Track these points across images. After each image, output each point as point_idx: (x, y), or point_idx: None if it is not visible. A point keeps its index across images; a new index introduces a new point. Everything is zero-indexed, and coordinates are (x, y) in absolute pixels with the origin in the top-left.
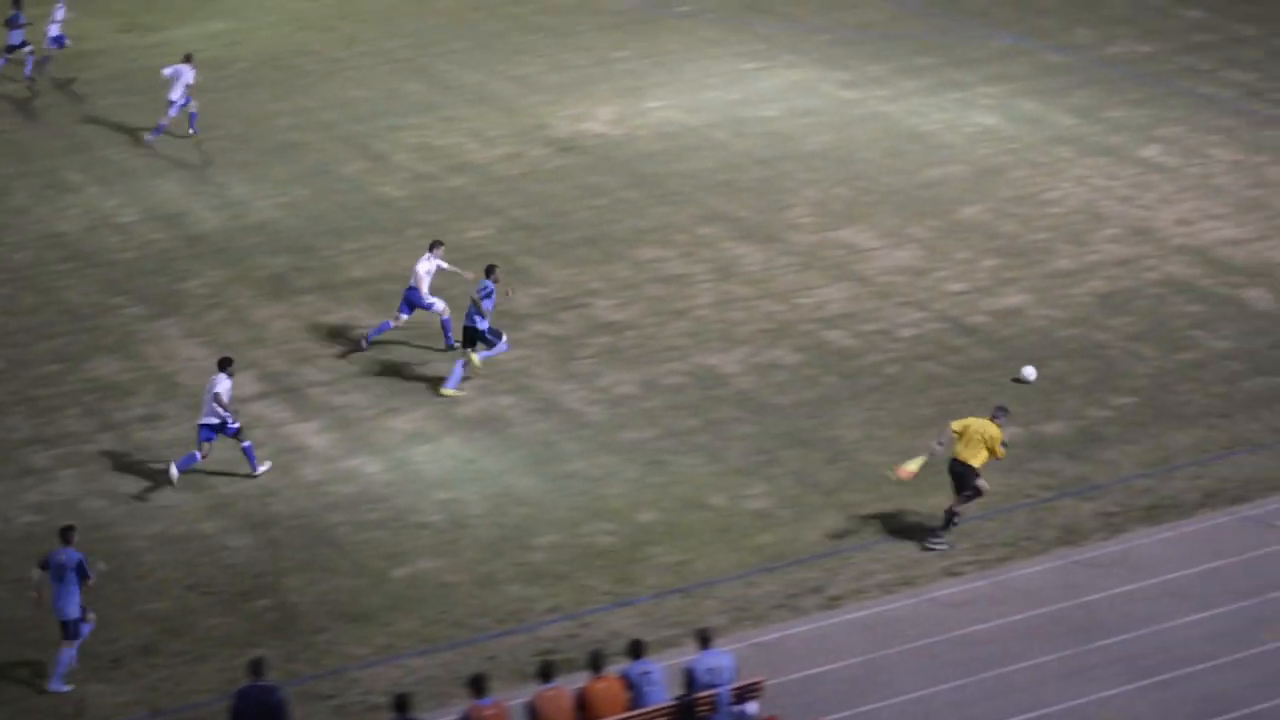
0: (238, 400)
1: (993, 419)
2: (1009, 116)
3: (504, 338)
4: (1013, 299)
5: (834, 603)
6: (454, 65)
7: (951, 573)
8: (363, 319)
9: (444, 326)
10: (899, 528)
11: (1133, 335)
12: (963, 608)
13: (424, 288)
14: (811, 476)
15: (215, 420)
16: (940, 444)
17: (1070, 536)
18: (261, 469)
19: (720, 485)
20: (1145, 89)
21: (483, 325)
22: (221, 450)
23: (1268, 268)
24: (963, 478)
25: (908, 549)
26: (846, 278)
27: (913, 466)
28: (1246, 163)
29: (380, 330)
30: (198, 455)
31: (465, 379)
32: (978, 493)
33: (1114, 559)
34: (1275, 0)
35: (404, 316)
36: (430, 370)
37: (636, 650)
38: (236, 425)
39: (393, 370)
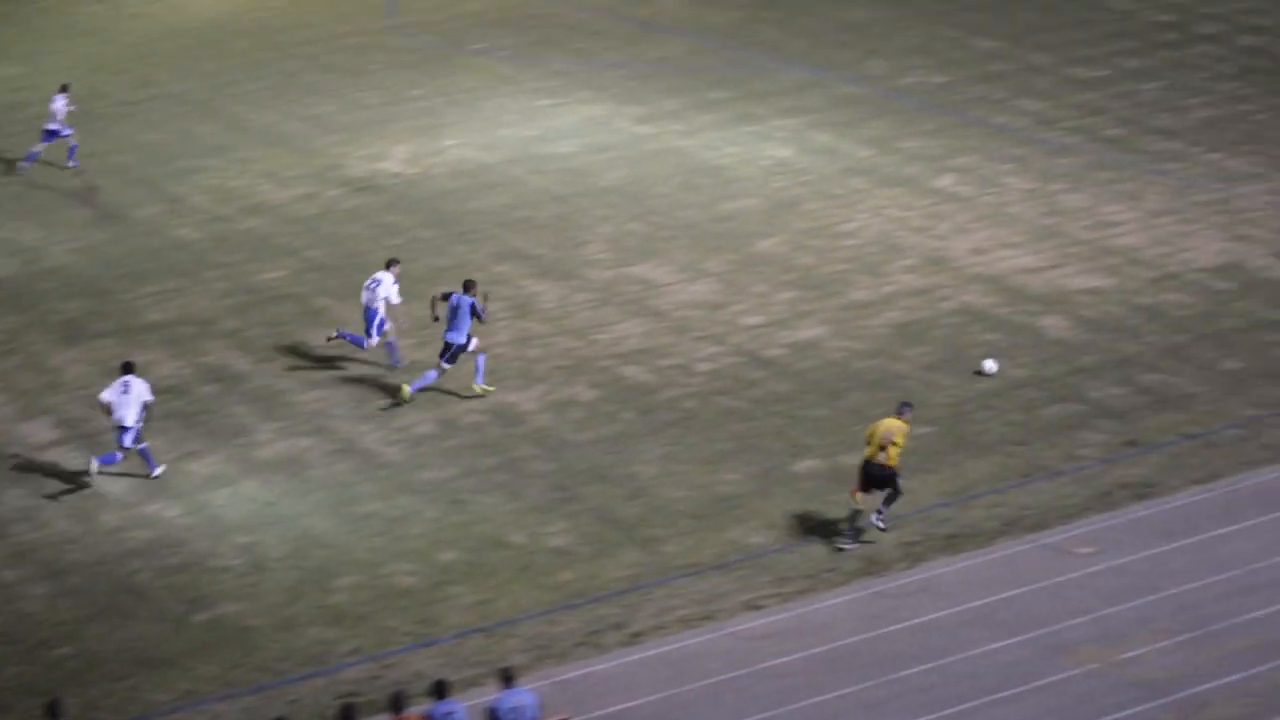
0: (35, 446)
1: (899, 415)
2: (804, 149)
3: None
4: (810, 331)
5: (636, 639)
6: (248, 106)
7: (753, 606)
8: (162, 362)
9: (392, 347)
10: (698, 562)
11: (930, 365)
12: (764, 641)
13: (381, 309)
14: (611, 512)
15: (133, 423)
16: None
17: (871, 567)
18: (159, 469)
19: (520, 523)
20: (939, 119)
21: (458, 338)
22: (19, 498)
23: (1063, 295)
24: (881, 480)
25: (709, 583)
26: (643, 313)
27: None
28: (1040, 191)
29: (353, 344)
30: (118, 455)
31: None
32: (897, 493)
33: (915, 588)
34: (1067, 29)
35: (372, 340)
36: (226, 420)
37: (439, 691)
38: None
39: (190, 414)
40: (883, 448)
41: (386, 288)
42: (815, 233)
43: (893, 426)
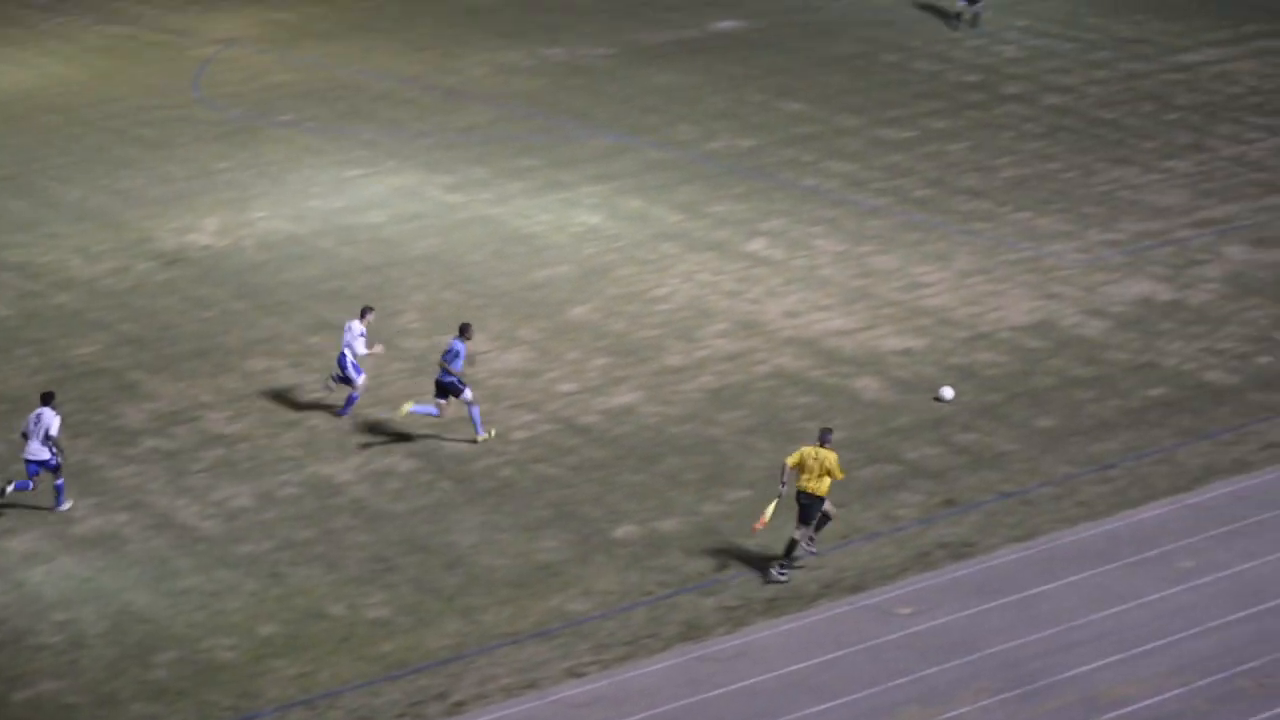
0: None
1: (822, 444)
2: (614, 215)
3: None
4: (624, 397)
5: (458, 708)
6: (55, 181)
7: (574, 673)
8: None
9: (351, 400)
10: (519, 630)
11: (746, 429)
12: (586, 708)
13: (359, 348)
14: (430, 582)
15: (45, 456)
16: (784, 484)
17: (692, 632)
18: (65, 505)
19: (339, 595)
20: (749, 183)
21: (449, 379)
22: None
23: (876, 357)
24: (810, 508)
25: (530, 651)
26: None
27: (767, 514)
28: (850, 253)
29: (350, 402)
30: (30, 484)
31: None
32: (827, 518)
33: (735, 653)
34: (874, 90)
35: (359, 379)
36: (42, 496)
37: None
38: (57, 461)
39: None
40: (820, 477)
41: (354, 336)
42: (628, 299)
43: (826, 458)
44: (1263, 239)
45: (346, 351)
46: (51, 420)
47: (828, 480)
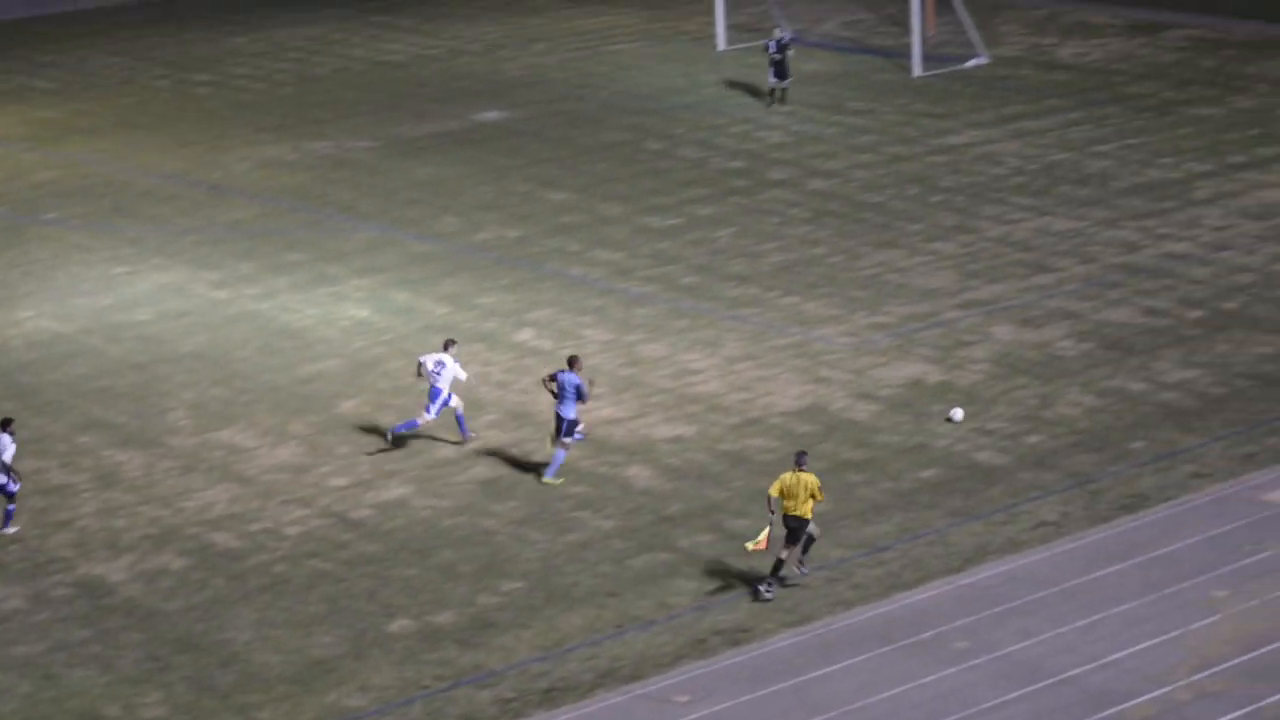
0: None
1: (800, 468)
2: (381, 308)
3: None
4: (396, 491)
5: None
6: None
7: None
8: None
9: (459, 420)
10: None
11: (519, 520)
12: None
13: (442, 384)
14: (206, 681)
15: (2, 480)
16: (772, 512)
17: None
18: (11, 530)
19: (114, 695)
20: (516, 273)
21: (568, 412)
22: None
23: (646, 444)
24: (798, 530)
25: None
26: (229, 479)
27: (763, 538)
28: (619, 342)
29: (408, 426)
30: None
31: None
32: (812, 538)
33: None
34: (639, 179)
35: (430, 415)
36: None
37: None
38: (16, 487)
39: None
40: (805, 501)
41: (452, 368)
42: (397, 392)
43: (809, 482)
44: (1029, 319)
45: (443, 386)
46: (8, 446)
47: (810, 502)
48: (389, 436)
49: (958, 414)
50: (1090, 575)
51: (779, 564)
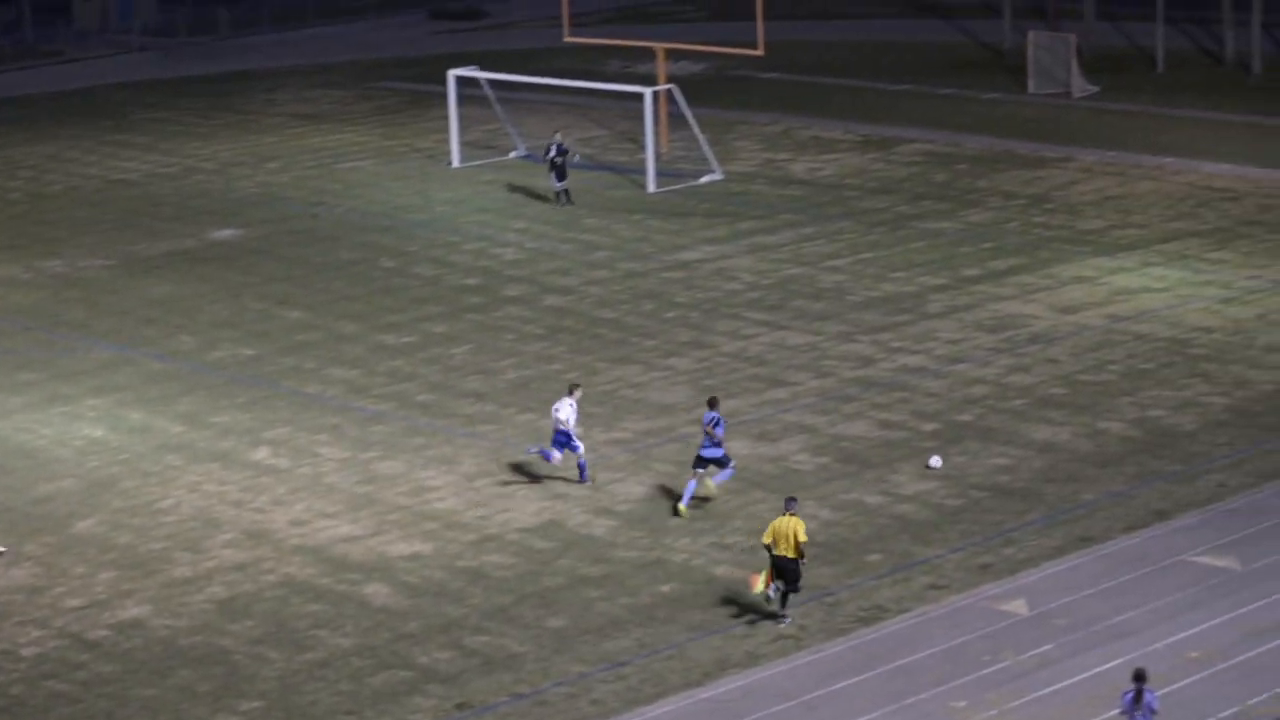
0: None
1: (789, 514)
2: (116, 427)
3: (732, 464)
4: (133, 611)
5: None
6: None
7: None
8: None
9: (580, 467)
10: None
11: (256, 639)
12: None
13: (570, 428)
14: None
15: None
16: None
17: None
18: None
19: None
20: (252, 391)
21: (716, 453)
22: None
23: (384, 562)
24: (787, 570)
25: None
26: None
27: (762, 578)
28: (355, 460)
29: (546, 456)
30: None
31: (697, 498)
32: (798, 575)
33: None
34: (374, 297)
35: (557, 456)
36: None
37: None
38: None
39: None
40: (792, 544)
41: (567, 411)
42: (133, 511)
43: (795, 525)
44: (765, 433)
45: (567, 429)
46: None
47: (797, 543)
48: (536, 452)
49: (935, 461)
50: (830, 687)
51: (785, 597)
